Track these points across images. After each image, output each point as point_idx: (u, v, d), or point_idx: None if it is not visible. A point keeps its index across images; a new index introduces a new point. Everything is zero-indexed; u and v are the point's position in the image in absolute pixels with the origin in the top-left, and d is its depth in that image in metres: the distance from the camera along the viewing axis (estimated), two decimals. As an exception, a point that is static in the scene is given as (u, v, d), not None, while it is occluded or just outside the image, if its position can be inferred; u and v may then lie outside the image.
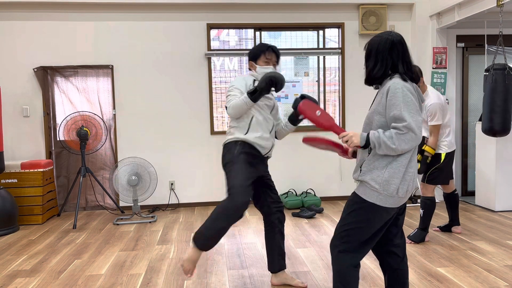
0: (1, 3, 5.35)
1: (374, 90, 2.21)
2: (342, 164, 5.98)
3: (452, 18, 5.41)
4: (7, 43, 5.48)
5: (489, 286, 3.00)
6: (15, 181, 5.01)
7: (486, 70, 4.33)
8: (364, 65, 2.19)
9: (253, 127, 2.90)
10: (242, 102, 2.79)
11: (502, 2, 4.40)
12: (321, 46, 5.98)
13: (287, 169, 5.91)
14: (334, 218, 5.00)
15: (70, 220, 5.19)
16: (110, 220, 5.17)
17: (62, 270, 3.49)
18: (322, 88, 6.00)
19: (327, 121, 2.38)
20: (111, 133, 5.66)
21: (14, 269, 3.55)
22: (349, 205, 2.12)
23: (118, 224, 4.95)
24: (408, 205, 5.58)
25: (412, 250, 3.78)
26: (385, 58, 2.06)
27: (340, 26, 5.90)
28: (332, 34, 6.02)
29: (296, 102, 2.77)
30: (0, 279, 3.32)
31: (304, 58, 5.92)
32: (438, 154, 3.93)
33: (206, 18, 5.70)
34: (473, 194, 5.82)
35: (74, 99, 5.58)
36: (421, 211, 3.98)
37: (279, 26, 5.84)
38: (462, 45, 6.02)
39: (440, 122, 3.82)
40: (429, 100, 3.82)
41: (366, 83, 2.18)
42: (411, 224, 4.68)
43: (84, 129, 5.12)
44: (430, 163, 3.94)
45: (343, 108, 5.96)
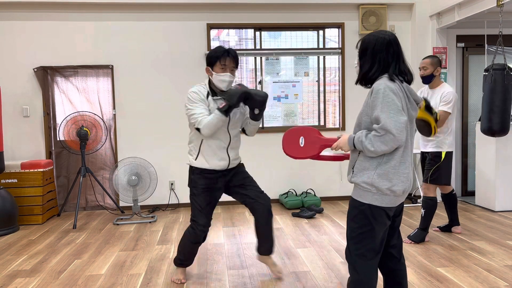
0: (1, 3, 5.35)
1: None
2: (342, 164, 5.98)
3: (452, 18, 5.41)
4: (7, 43, 5.48)
5: (489, 286, 3.00)
6: (15, 181, 5.01)
7: (486, 70, 4.33)
8: (357, 63, 2.14)
9: (203, 151, 2.94)
10: (217, 120, 2.77)
11: (502, 2, 4.40)
12: (321, 46, 5.98)
13: (287, 169, 5.91)
14: (334, 218, 5.00)
15: (70, 220, 5.19)
16: (110, 220, 5.17)
17: (62, 270, 3.49)
18: (322, 88, 6.00)
19: (314, 144, 2.27)
20: (111, 133, 5.66)
21: (14, 269, 3.55)
22: (349, 211, 2.10)
23: (118, 224, 4.95)
24: (408, 205, 5.58)
25: (412, 250, 3.78)
26: (382, 59, 2.04)
27: (340, 26, 5.90)
28: (332, 34, 6.02)
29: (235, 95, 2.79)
30: (0, 279, 3.32)
31: (304, 58, 5.92)
32: (439, 153, 3.94)
33: (206, 18, 5.70)
34: (473, 194, 5.82)
35: (74, 99, 5.58)
36: (422, 211, 3.98)
37: (279, 26, 5.84)
38: (462, 45, 6.03)
39: (450, 111, 3.85)
40: (445, 88, 3.92)
41: (360, 84, 2.13)
42: (411, 224, 4.68)
43: (84, 129, 5.12)
44: (432, 162, 3.94)
45: (343, 108, 5.96)
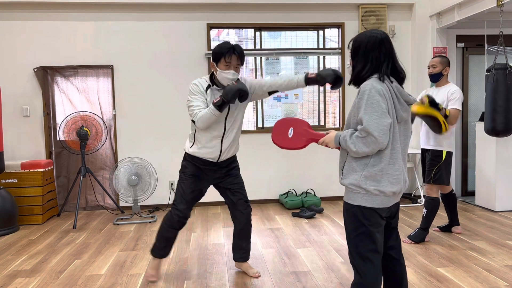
0: (1, 3, 5.35)
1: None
2: (342, 164, 5.97)
3: (452, 18, 5.41)
4: (7, 43, 5.48)
5: (489, 286, 3.00)
6: (15, 181, 5.01)
7: (488, 70, 4.33)
8: (349, 64, 2.12)
9: (197, 139, 3.02)
10: (210, 115, 2.82)
11: (502, 2, 4.40)
12: (321, 46, 5.98)
13: (287, 169, 5.91)
14: (334, 218, 5.00)
15: (70, 220, 5.19)
16: (110, 220, 5.17)
17: (62, 270, 3.49)
18: (322, 88, 6.00)
19: (301, 136, 2.28)
20: (111, 133, 5.66)
21: (14, 269, 3.55)
22: (343, 214, 2.09)
23: (118, 224, 4.95)
24: (408, 205, 5.58)
25: (412, 250, 3.78)
26: (374, 58, 2.02)
27: (340, 26, 5.90)
28: (332, 34, 6.02)
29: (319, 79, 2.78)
30: (0, 279, 3.32)
31: (304, 58, 5.92)
32: (440, 152, 3.94)
33: (206, 18, 5.70)
34: (473, 194, 5.82)
35: (74, 99, 5.58)
36: (424, 211, 3.98)
37: (279, 26, 5.84)
38: (462, 45, 6.03)
39: (459, 108, 3.86)
40: (451, 87, 3.92)
41: (353, 84, 2.11)
42: (411, 224, 4.68)
43: (84, 129, 5.12)
44: (433, 162, 3.93)
45: (343, 108, 5.96)
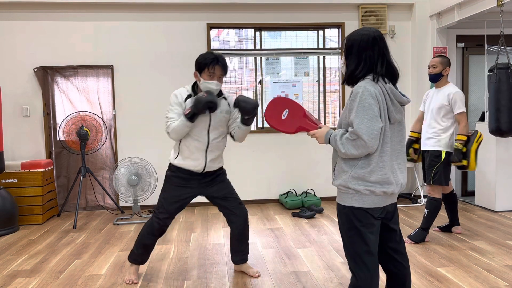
0: (1, 3, 5.35)
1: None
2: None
3: (452, 18, 5.41)
4: (7, 43, 5.48)
5: (489, 286, 3.00)
6: (15, 181, 5.01)
7: (490, 70, 4.32)
8: (343, 63, 2.09)
9: (181, 150, 3.06)
10: (182, 125, 2.87)
11: (502, 2, 4.40)
12: (321, 46, 5.98)
13: (287, 169, 5.91)
14: (334, 218, 5.00)
15: (70, 220, 5.19)
16: (110, 220, 5.17)
17: (62, 270, 3.49)
18: (322, 88, 6.01)
19: (294, 122, 2.22)
20: (111, 133, 5.66)
21: (14, 269, 3.55)
22: (337, 217, 2.07)
23: (118, 224, 4.95)
24: (408, 205, 5.58)
25: (412, 250, 3.78)
26: (368, 56, 1.97)
27: (340, 26, 5.90)
28: (332, 34, 6.03)
29: (235, 103, 2.95)
30: (0, 279, 3.32)
31: (304, 58, 5.92)
32: (439, 152, 3.94)
33: (206, 18, 5.70)
34: (473, 194, 5.82)
35: (74, 99, 5.58)
36: (425, 211, 3.97)
37: (279, 26, 5.84)
38: (462, 45, 6.03)
39: (464, 110, 3.85)
40: (450, 88, 3.90)
41: (347, 84, 2.08)
42: (411, 224, 4.68)
43: (84, 129, 5.12)
44: (432, 163, 3.94)
45: (343, 108, 5.95)
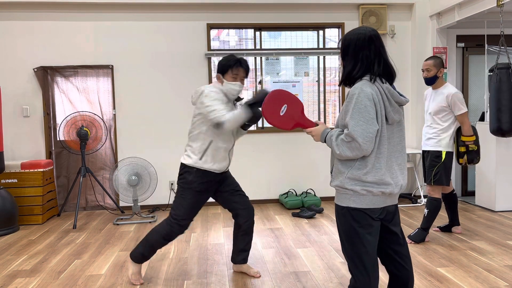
0: (1, 3, 5.35)
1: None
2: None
3: (452, 18, 5.41)
4: (7, 43, 5.48)
5: (489, 286, 3.00)
6: (15, 181, 5.01)
7: (490, 70, 4.32)
8: (340, 64, 2.06)
9: (209, 152, 2.97)
10: (239, 115, 2.78)
11: (502, 2, 4.40)
12: (321, 46, 5.98)
13: (287, 169, 5.91)
14: (334, 218, 4.99)
15: (70, 220, 5.19)
16: (110, 220, 5.17)
17: (62, 270, 3.49)
18: (322, 88, 6.01)
19: (292, 119, 2.16)
20: (111, 133, 5.66)
21: (14, 269, 3.55)
22: (336, 218, 2.06)
23: (118, 224, 4.95)
24: (408, 205, 5.58)
25: (412, 250, 3.78)
26: (365, 56, 1.95)
27: (340, 26, 5.90)
28: (332, 34, 6.03)
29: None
30: (0, 279, 3.32)
31: (304, 58, 5.92)
32: (439, 152, 3.94)
33: (206, 18, 5.70)
34: (473, 194, 5.82)
35: (74, 99, 5.58)
36: (425, 211, 3.97)
37: (279, 26, 5.84)
38: (462, 45, 6.03)
39: (465, 110, 3.85)
40: (448, 89, 3.90)
41: (344, 85, 2.05)
42: (411, 224, 4.68)
43: (84, 129, 5.12)
44: (433, 163, 3.94)
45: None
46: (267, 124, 5.94)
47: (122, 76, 5.63)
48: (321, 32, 5.98)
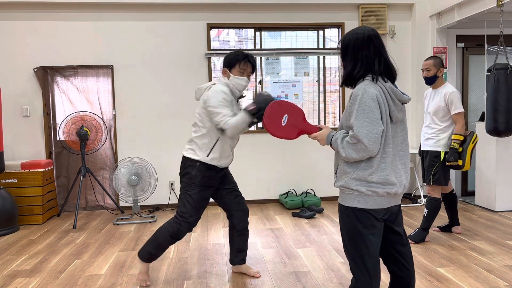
0: (1, 3, 5.35)
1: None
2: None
3: (452, 18, 5.41)
4: (7, 43, 5.48)
5: (489, 286, 3.00)
6: (15, 181, 5.01)
7: (489, 70, 4.32)
8: (341, 65, 2.06)
9: (216, 149, 2.97)
10: (242, 121, 2.79)
11: (502, 2, 4.40)
12: (321, 46, 5.98)
13: (287, 169, 5.91)
14: (334, 218, 5.00)
15: (70, 220, 5.19)
16: (110, 220, 5.17)
17: (62, 270, 3.50)
18: (322, 88, 6.01)
19: (295, 127, 2.16)
20: (111, 133, 5.66)
21: (14, 269, 3.55)
22: (339, 218, 2.05)
23: (118, 224, 4.95)
24: (408, 205, 5.58)
25: (412, 250, 3.76)
26: (364, 56, 1.94)
27: (340, 26, 5.90)
28: (332, 34, 6.03)
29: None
30: (0, 279, 3.32)
31: (304, 58, 5.92)
32: (438, 153, 3.94)
33: (206, 18, 5.70)
34: (473, 194, 5.82)
35: (74, 99, 5.58)
36: (425, 211, 3.97)
37: (279, 26, 5.84)
38: (462, 45, 6.03)
39: (461, 110, 3.86)
40: (448, 89, 3.91)
41: (345, 85, 2.05)
42: (411, 224, 4.68)
43: (84, 129, 5.12)
44: (432, 163, 3.94)
45: (343, 108, 5.96)
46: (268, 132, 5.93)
47: (122, 76, 5.63)
48: (321, 32, 5.98)
